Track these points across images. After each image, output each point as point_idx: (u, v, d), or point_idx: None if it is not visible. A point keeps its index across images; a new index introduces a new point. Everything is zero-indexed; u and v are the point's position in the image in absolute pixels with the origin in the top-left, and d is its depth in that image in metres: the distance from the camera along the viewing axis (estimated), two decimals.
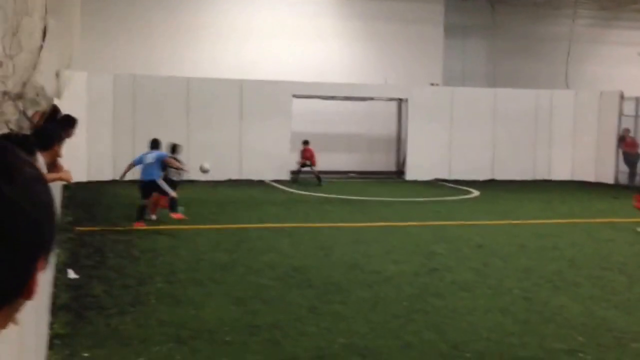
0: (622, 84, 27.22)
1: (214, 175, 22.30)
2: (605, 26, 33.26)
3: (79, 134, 14.98)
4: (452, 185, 23.28)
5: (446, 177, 24.65)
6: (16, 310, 1.17)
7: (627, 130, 24.37)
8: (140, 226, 13.29)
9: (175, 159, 14.74)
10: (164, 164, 14.09)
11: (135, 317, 7.62)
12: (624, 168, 24.64)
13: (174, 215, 14.01)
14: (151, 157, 14.05)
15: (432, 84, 27.10)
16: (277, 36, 26.62)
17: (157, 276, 9.54)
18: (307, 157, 22.58)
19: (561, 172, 25.34)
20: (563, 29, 30.82)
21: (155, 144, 14.63)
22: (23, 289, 1.14)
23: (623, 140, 24.31)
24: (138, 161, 14.34)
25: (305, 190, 20.32)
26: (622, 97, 24.63)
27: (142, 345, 6.73)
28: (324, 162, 22.99)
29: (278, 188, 21.09)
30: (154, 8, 25.62)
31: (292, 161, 23.29)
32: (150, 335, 7.01)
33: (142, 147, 21.87)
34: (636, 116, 24.37)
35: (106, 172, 21.77)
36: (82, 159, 20.56)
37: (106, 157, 21.82)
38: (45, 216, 1.14)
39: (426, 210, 17.27)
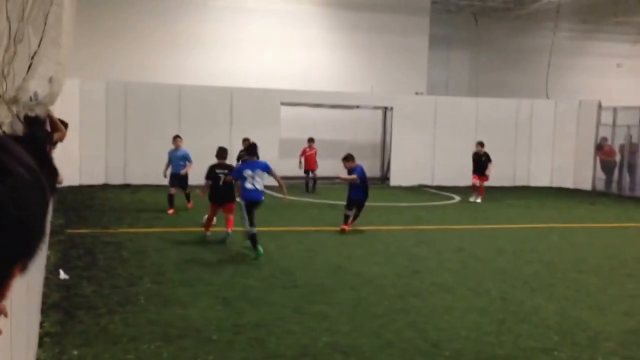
0: (600, 94, 27.74)
1: (204, 180, 22.53)
2: (585, 38, 33.86)
3: (72, 138, 15.20)
4: (434, 190, 23.59)
5: (429, 183, 24.99)
6: None
7: (604, 139, 24.80)
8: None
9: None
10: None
11: (124, 316, 7.81)
12: (601, 175, 25.08)
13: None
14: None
15: (417, 93, 27.48)
16: (266, 46, 26.94)
17: (146, 277, 9.74)
18: (309, 164, 22.74)
19: (540, 179, 25.73)
20: (544, 41, 31.32)
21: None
22: None
23: (601, 148, 24.72)
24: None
25: (292, 196, 20.50)
26: (600, 106, 25.05)
27: (131, 343, 6.91)
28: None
29: (265, 193, 21.20)
30: (146, 17, 25.86)
31: (282, 167, 23.47)
32: (139, 334, 7.19)
33: (134, 153, 22.25)
34: (614, 125, 24.79)
35: (98, 177, 21.97)
36: (74, 163, 20.79)
37: (98, 162, 22.06)
38: (31, 221, 1.08)
39: (409, 214, 17.55)
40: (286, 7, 27.30)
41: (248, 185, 11.73)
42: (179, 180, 16.64)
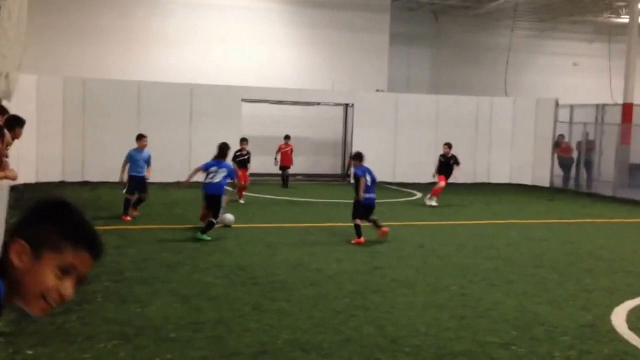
0: (557, 92, 28.16)
1: (163, 177, 22.35)
2: (542, 37, 34.39)
3: (28, 135, 14.90)
4: (396, 187, 23.69)
5: (390, 179, 25.06)
6: None
7: (561, 136, 25.16)
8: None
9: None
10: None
11: (81, 315, 7.68)
12: (558, 172, 25.44)
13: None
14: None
15: (378, 90, 27.58)
16: (227, 42, 26.82)
17: (103, 275, 9.58)
18: (284, 161, 22.72)
19: (500, 175, 26.00)
20: (503, 39, 31.75)
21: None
22: None
23: (558, 145, 25.08)
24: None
25: (253, 192, 20.45)
26: (557, 104, 25.41)
27: (87, 342, 6.81)
28: (271, 164, 23.18)
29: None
30: (103, 12, 25.55)
31: None
32: (96, 333, 7.09)
33: (93, 150, 21.93)
34: (570, 122, 25.17)
35: (55, 174, 21.64)
36: (30, 161, 20.42)
37: (55, 159, 21.72)
38: None
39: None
40: (248, 4, 27.19)
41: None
42: (140, 184, 15.02)
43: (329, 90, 26.41)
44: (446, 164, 19.46)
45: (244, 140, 18.46)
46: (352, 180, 15.11)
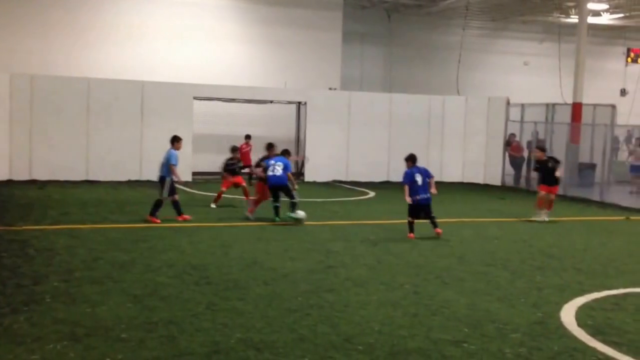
0: (508, 91, 28.60)
1: (114, 176, 22.05)
2: (494, 36, 34.92)
3: None
4: (349, 186, 23.77)
5: (343, 178, 25.16)
6: None
7: (512, 135, 25.52)
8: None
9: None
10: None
11: (29, 315, 7.53)
12: (510, 171, 25.82)
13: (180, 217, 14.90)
14: None
15: (330, 88, 27.62)
16: (179, 39, 26.62)
17: (53, 275, 9.41)
18: (245, 161, 22.28)
19: (452, 174, 26.25)
20: (455, 38, 32.11)
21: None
22: None
23: (509, 144, 25.43)
24: None
25: (205, 191, 20.30)
26: (508, 103, 25.76)
27: (36, 343, 6.68)
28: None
29: (179, 189, 20.90)
30: (50, 7, 25.09)
31: (195, 162, 23.25)
32: (44, 334, 6.96)
33: (41, 148, 21.48)
34: (521, 121, 25.56)
35: (2, 172, 21.20)
36: None
37: (2, 157, 21.30)
38: None
39: (324, 210, 17.60)
40: (200, 1, 26.98)
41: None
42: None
43: (281, 88, 26.37)
44: (545, 170, 17.17)
45: (235, 150, 18.39)
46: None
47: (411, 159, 14.20)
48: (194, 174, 23.17)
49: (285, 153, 15.70)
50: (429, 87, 30.81)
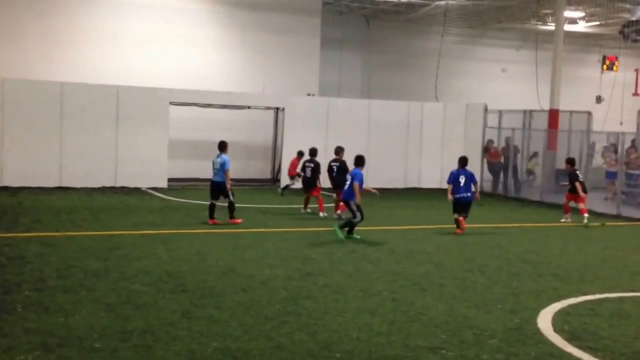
0: (486, 98, 28.74)
1: (88, 182, 21.76)
2: (472, 43, 35.14)
3: None
4: (326, 192, 23.69)
5: (322, 184, 25.03)
6: None
7: (490, 141, 25.63)
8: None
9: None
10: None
11: (0, 326, 7.38)
12: (488, 177, 25.88)
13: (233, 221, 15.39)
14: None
15: (309, 94, 27.59)
16: (156, 43, 26.39)
17: (24, 284, 9.25)
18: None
19: (431, 180, 26.25)
20: (433, 44, 32.19)
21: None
22: None
23: (487, 150, 25.53)
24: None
25: (181, 198, 20.16)
26: (486, 109, 25.87)
27: (6, 354, 6.54)
28: (201, 169, 22.80)
29: (154, 195, 20.81)
30: (23, 10, 24.74)
31: (171, 168, 23.07)
32: (15, 344, 6.82)
33: (13, 153, 21.16)
34: (499, 128, 25.68)
35: None
36: None
37: None
38: None
39: (301, 216, 17.52)
40: (177, 5, 26.82)
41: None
42: (217, 189, 15.94)
43: (259, 93, 26.29)
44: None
45: (340, 149, 18.82)
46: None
47: (462, 161, 15.90)
48: (170, 180, 22.97)
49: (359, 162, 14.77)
50: (408, 94, 30.88)
